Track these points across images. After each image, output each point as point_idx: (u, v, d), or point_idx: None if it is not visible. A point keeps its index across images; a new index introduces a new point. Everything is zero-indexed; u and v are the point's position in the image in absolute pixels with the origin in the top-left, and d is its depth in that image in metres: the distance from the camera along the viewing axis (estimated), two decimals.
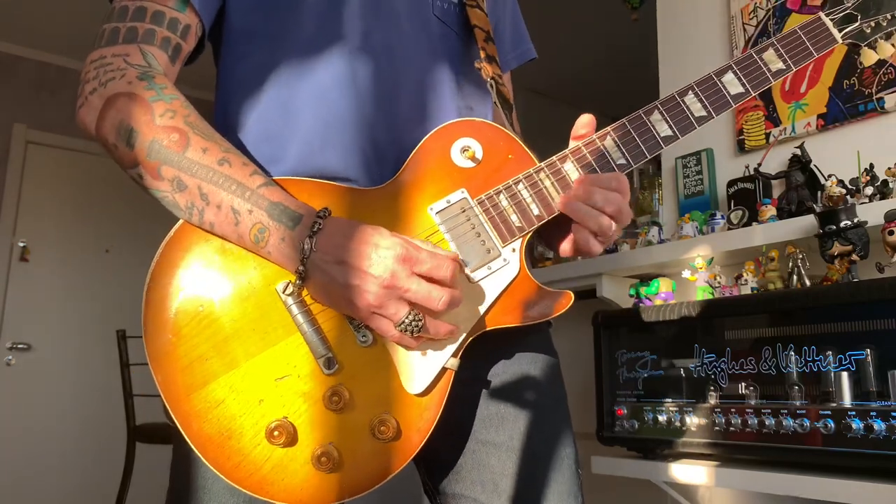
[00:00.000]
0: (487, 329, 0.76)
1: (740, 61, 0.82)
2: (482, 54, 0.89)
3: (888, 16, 0.85)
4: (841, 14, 0.85)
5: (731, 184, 1.96)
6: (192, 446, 0.69)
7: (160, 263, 0.72)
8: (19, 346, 3.92)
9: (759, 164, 1.92)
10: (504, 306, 0.76)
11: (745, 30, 2.09)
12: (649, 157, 0.81)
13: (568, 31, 3.94)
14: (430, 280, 0.68)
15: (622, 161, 0.79)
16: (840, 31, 0.84)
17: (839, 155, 1.78)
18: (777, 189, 1.87)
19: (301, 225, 0.69)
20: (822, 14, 0.85)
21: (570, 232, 0.80)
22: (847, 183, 1.62)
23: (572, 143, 0.81)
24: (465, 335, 0.74)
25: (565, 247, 0.83)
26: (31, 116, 4.15)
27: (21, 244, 3.99)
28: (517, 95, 1.06)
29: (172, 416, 0.69)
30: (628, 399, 1.64)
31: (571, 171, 0.78)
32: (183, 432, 0.69)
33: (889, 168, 1.56)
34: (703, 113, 0.81)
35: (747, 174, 1.94)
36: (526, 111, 4.40)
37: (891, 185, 1.55)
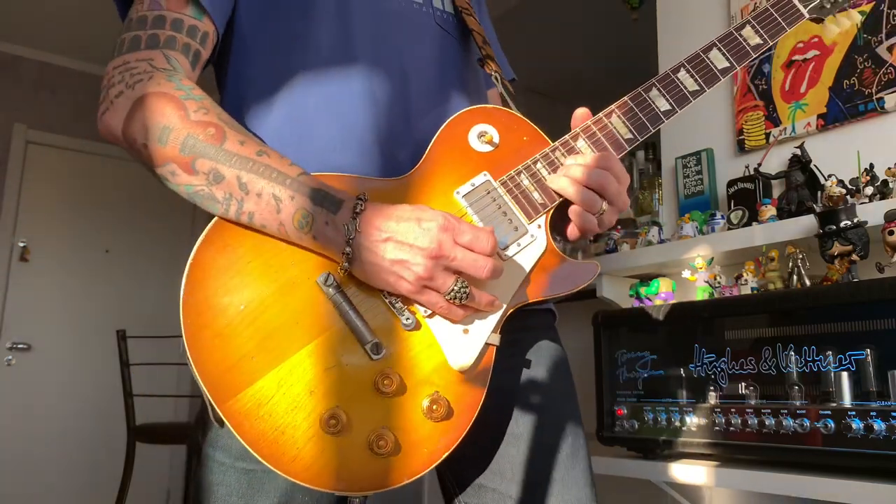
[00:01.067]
0: (525, 303, 0.78)
1: (723, 38, 0.88)
2: (483, 53, 0.95)
3: None
4: None
5: (731, 184, 1.96)
6: (246, 445, 0.68)
7: (194, 267, 0.72)
8: (19, 346, 3.92)
9: (759, 164, 1.92)
10: (537, 280, 0.79)
11: None
12: (652, 131, 0.85)
13: (568, 31, 3.95)
14: (472, 251, 0.70)
15: (629, 136, 0.84)
16: (805, 6, 0.92)
17: (839, 155, 1.78)
18: (777, 189, 1.87)
19: (344, 208, 0.70)
20: None
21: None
22: (847, 183, 1.62)
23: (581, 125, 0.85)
24: (504, 309, 0.76)
25: (571, 230, 0.86)
26: (31, 116, 4.15)
27: (21, 244, 4.00)
28: (519, 96, 1.09)
29: (222, 416, 0.69)
30: (628, 399, 1.64)
31: (584, 147, 0.83)
32: (234, 432, 0.68)
33: (889, 168, 1.56)
34: (696, 87, 0.86)
35: (747, 174, 1.94)
36: (526, 111, 4.42)
37: (891, 185, 1.55)
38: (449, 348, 0.74)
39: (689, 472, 1.53)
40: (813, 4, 0.92)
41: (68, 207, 4.21)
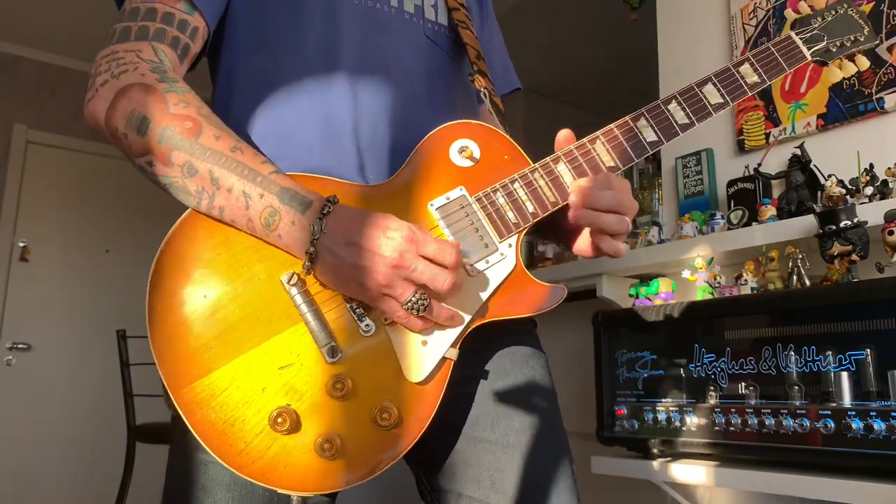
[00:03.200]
0: (485, 321, 0.78)
1: (719, 73, 0.87)
2: (474, 68, 0.94)
3: (851, 37, 0.93)
4: (809, 33, 0.92)
5: (731, 184, 1.96)
6: (195, 434, 0.70)
7: (165, 252, 0.74)
8: (19, 346, 3.92)
9: (759, 164, 1.92)
10: (501, 299, 0.79)
11: (744, 30, 2.09)
12: (636, 161, 0.84)
13: (568, 31, 3.95)
14: (434, 264, 0.70)
15: (612, 164, 0.83)
16: (809, 49, 0.91)
17: (839, 155, 1.78)
18: (777, 189, 1.87)
19: (311, 209, 0.71)
20: (792, 33, 0.92)
21: (579, 231, 0.84)
22: (847, 183, 1.62)
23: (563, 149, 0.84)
24: (464, 325, 0.76)
25: (582, 246, 0.86)
26: (31, 116, 4.15)
27: (21, 244, 3.99)
28: (519, 96, 1.09)
29: (175, 404, 0.70)
30: (628, 399, 1.64)
31: (564, 171, 0.82)
32: (186, 420, 0.70)
33: (889, 168, 1.56)
34: (686, 121, 0.85)
35: (747, 174, 1.94)
36: (527, 111, 4.41)
37: (891, 185, 1.55)
38: (405, 359, 0.74)
39: (689, 472, 1.53)
40: (817, 48, 0.91)
41: (68, 207, 4.21)
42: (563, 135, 0.84)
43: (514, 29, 3.67)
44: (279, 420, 0.69)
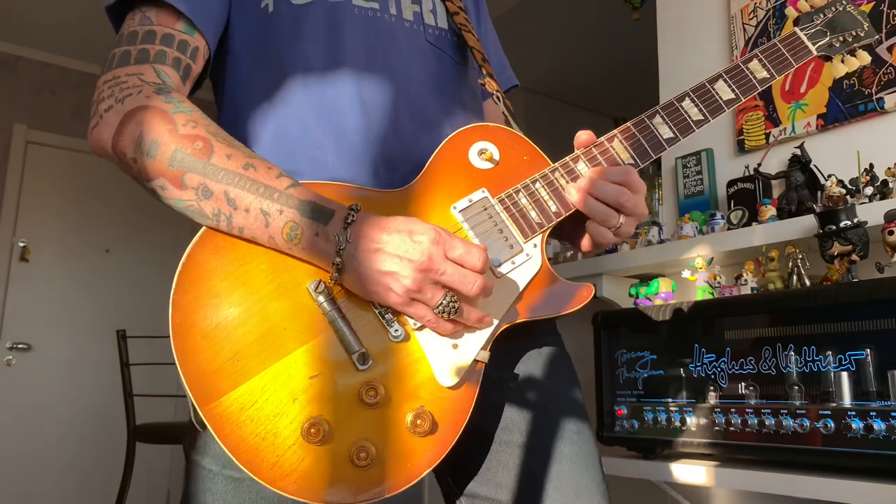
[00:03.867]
0: (516, 322, 0.78)
1: (729, 70, 0.89)
2: (484, 71, 0.95)
3: (852, 32, 0.96)
4: (813, 29, 0.94)
5: (731, 184, 1.96)
6: (226, 450, 0.67)
7: (187, 266, 0.72)
8: (19, 346, 3.92)
9: (759, 164, 1.92)
10: (530, 299, 0.79)
11: (744, 30, 2.09)
12: (654, 157, 0.85)
13: (569, 30, 3.95)
14: (462, 266, 0.70)
15: (630, 161, 0.84)
16: (814, 44, 0.93)
17: (839, 155, 1.78)
18: (777, 189, 1.87)
19: (334, 219, 0.70)
20: (797, 29, 0.94)
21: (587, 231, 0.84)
22: (847, 183, 1.62)
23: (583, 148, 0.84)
24: (494, 326, 0.76)
25: (585, 242, 0.86)
26: (31, 116, 4.15)
27: (21, 244, 3.99)
28: (519, 96, 1.09)
29: (203, 419, 0.68)
30: (628, 399, 1.64)
31: (584, 170, 0.82)
32: (215, 436, 0.68)
33: (889, 168, 1.56)
34: (700, 117, 0.86)
35: (747, 174, 1.94)
36: (528, 112, 4.40)
37: (891, 185, 1.55)
38: (437, 363, 0.73)
39: (689, 472, 1.53)
40: (821, 42, 0.93)
41: (68, 207, 4.21)
42: (584, 135, 0.84)
43: (514, 29, 3.67)
44: (312, 431, 0.68)
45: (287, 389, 0.70)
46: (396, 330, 0.73)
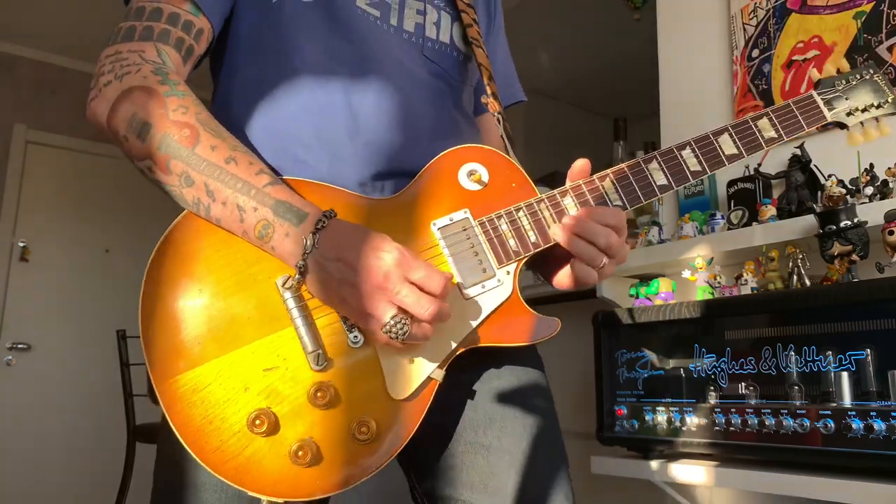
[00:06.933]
0: (475, 346, 0.78)
1: (737, 125, 0.86)
2: (488, 90, 0.95)
3: (874, 103, 0.91)
4: (832, 95, 0.91)
5: (731, 184, 1.96)
6: (172, 426, 0.70)
7: (166, 244, 0.74)
8: (19, 346, 3.92)
9: (759, 164, 1.92)
10: (493, 325, 0.78)
11: (744, 30, 2.09)
12: (643, 203, 0.84)
13: (569, 31, 3.94)
14: (421, 290, 0.69)
15: (618, 203, 0.83)
16: (830, 111, 0.90)
17: (839, 155, 1.78)
18: (777, 189, 1.87)
19: (306, 222, 0.71)
20: (814, 92, 0.91)
21: (566, 263, 0.83)
22: (847, 183, 1.62)
23: (572, 182, 0.84)
24: (453, 348, 0.76)
25: (561, 279, 0.86)
26: (31, 116, 4.15)
27: (21, 244, 3.99)
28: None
29: (157, 395, 0.70)
30: (628, 399, 1.64)
31: (570, 206, 0.82)
32: (165, 412, 0.70)
33: (889, 168, 1.56)
34: (698, 168, 0.85)
35: (747, 174, 1.94)
36: (527, 111, 4.41)
37: (891, 185, 1.55)
38: (390, 376, 0.74)
39: (689, 472, 1.53)
40: (838, 109, 0.90)
41: (68, 207, 4.21)
42: (579, 165, 0.83)
43: (514, 29, 3.66)
44: (257, 422, 0.69)
45: (240, 378, 0.71)
46: (356, 336, 0.74)
